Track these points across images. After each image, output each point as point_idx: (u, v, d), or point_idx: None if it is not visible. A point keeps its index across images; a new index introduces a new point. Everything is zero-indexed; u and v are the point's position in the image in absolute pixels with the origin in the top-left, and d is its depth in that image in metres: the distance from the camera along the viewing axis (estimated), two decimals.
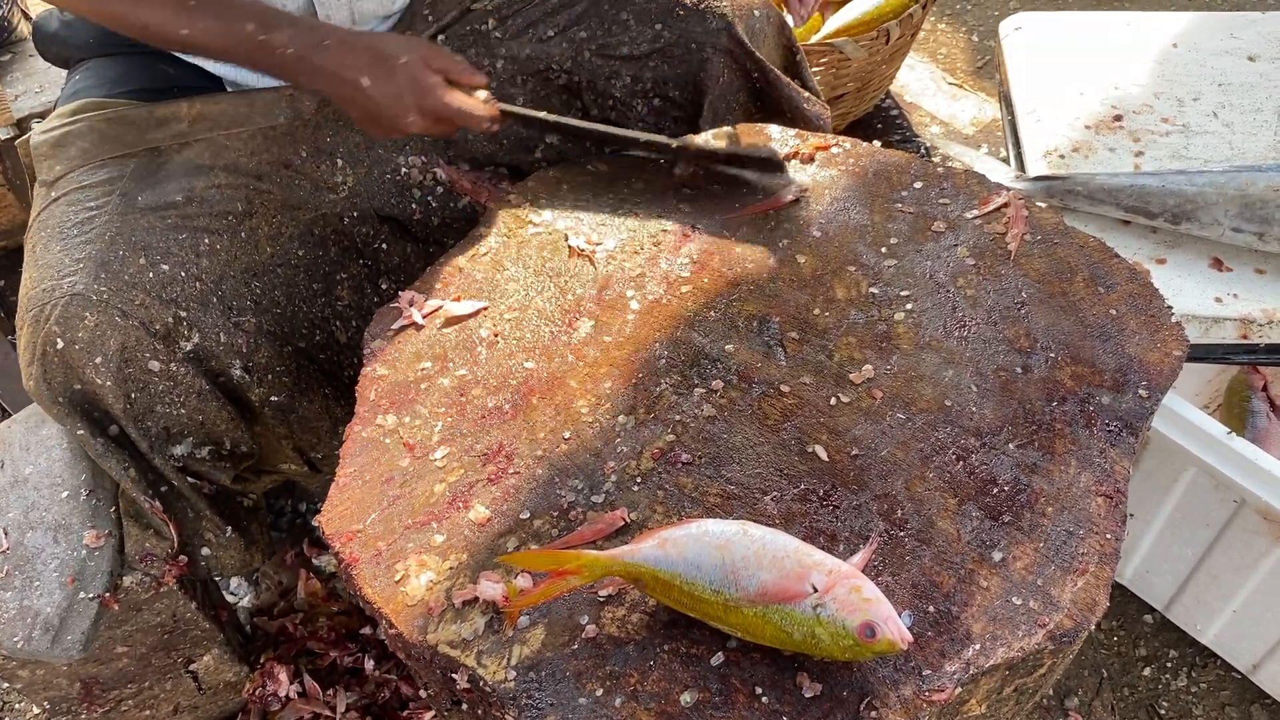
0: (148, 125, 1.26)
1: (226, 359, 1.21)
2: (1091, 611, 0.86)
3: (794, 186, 1.24)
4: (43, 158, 1.26)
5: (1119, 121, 1.64)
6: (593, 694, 0.83)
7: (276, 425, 1.30)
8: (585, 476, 0.98)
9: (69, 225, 1.18)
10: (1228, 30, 1.79)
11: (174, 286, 1.18)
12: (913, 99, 2.59)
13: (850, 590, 0.78)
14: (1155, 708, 1.53)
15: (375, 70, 1.14)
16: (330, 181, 1.34)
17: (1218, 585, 1.45)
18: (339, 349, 1.37)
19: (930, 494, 0.93)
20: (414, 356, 1.13)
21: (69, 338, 1.11)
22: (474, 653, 0.86)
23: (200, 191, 1.25)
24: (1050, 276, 1.10)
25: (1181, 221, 1.45)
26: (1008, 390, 1.01)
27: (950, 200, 1.19)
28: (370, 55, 1.14)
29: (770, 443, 0.98)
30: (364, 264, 1.39)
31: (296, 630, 1.58)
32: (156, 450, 1.19)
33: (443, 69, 1.18)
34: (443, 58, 1.19)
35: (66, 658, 1.22)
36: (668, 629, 0.86)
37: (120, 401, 1.14)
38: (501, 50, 1.38)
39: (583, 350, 1.10)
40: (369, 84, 1.14)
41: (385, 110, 1.15)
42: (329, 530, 0.98)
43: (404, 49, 1.16)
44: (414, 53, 1.16)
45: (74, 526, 1.25)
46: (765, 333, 1.08)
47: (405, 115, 1.15)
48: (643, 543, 0.84)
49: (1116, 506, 0.92)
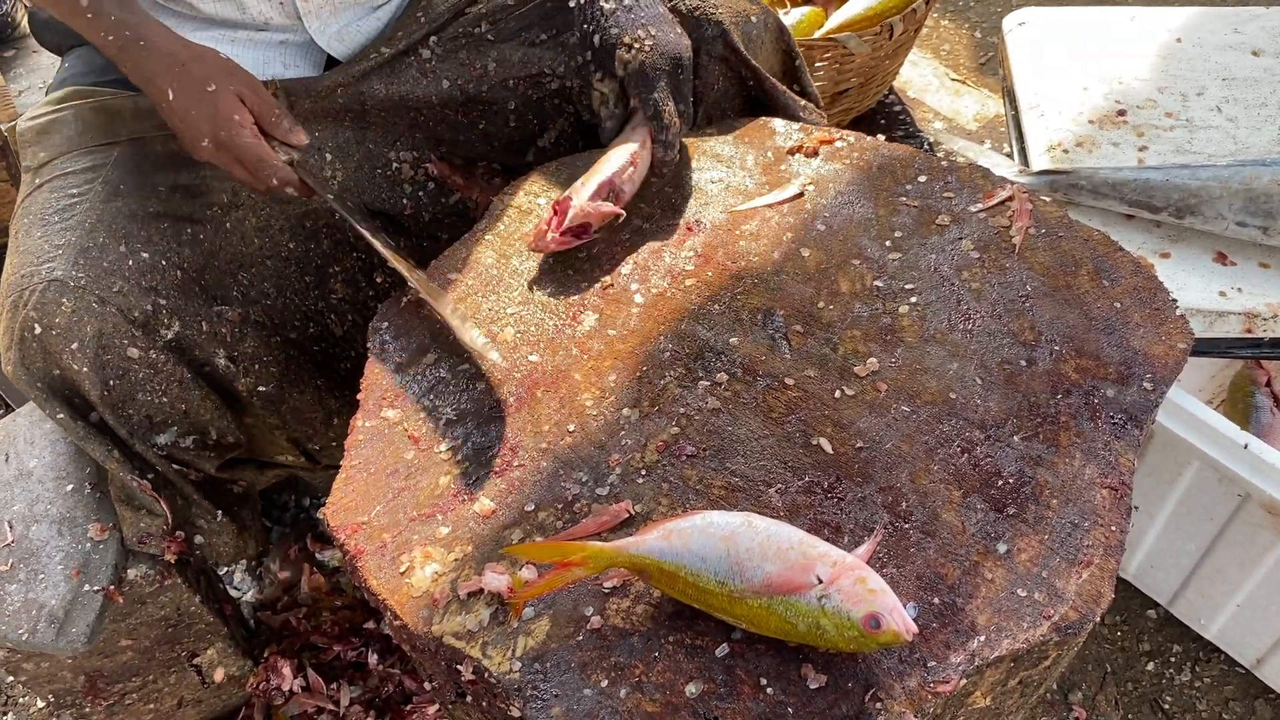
0: (133, 115, 1.26)
1: (210, 348, 1.21)
2: (1096, 603, 0.86)
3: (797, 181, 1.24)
4: (28, 144, 1.27)
5: (1123, 116, 1.64)
6: (598, 685, 0.83)
7: (267, 416, 1.30)
8: (590, 469, 0.98)
9: (51, 212, 1.18)
10: (1231, 25, 1.79)
11: (154, 274, 1.18)
12: (916, 95, 2.59)
13: (855, 582, 0.78)
14: (1159, 702, 1.53)
15: (180, 87, 1.12)
16: (320, 176, 1.34)
17: (1222, 580, 1.45)
18: (334, 341, 1.37)
19: (935, 486, 0.93)
20: (418, 349, 1.13)
21: (46, 323, 1.11)
22: (479, 644, 0.86)
23: (185, 182, 1.25)
24: (1055, 270, 1.10)
25: (1185, 216, 1.45)
26: (1012, 383, 1.01)
27: (955, 194, 1.19)
28: (180, 72, 1.12)
29: (775, 435, 0.98)
30: (357, 257, 1.39)
31: (300, 625, 1.59)
32: (138, 438, 1.19)
33: (258, 111, 1.15)
34: (262, 101, 1.16)
35: (71, 650, 1.22)
36: (672, 620, 0.86)
37: (98, 388, 1.14)
38: (493, 53, 1.38)
39: (587, 343, 1.10)
40: (172, 98, 1.12)
41: (183, 129, 1.14)
42: (334, 522, 0.98)
43: (221, 76, 1.14)
44: (229, 83, 1.14)
45: (78, 519, 1.25)
46: (770, 326, 1.08)
47: (199, 140, 1.13)
48: (647, 534, 0.85)
49: (1121, 499, 0.92)
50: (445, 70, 1.37)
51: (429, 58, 1.37)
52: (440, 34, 1.38)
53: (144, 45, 1.13)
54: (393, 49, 1.35)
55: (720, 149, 1.31)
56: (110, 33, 1.13)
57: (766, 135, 1.32)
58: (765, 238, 1.18)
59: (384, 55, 1.34)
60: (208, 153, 1.14)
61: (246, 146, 1.13)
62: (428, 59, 1.37)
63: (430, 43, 1.37)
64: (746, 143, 1.31)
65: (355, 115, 1.35)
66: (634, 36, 1.14)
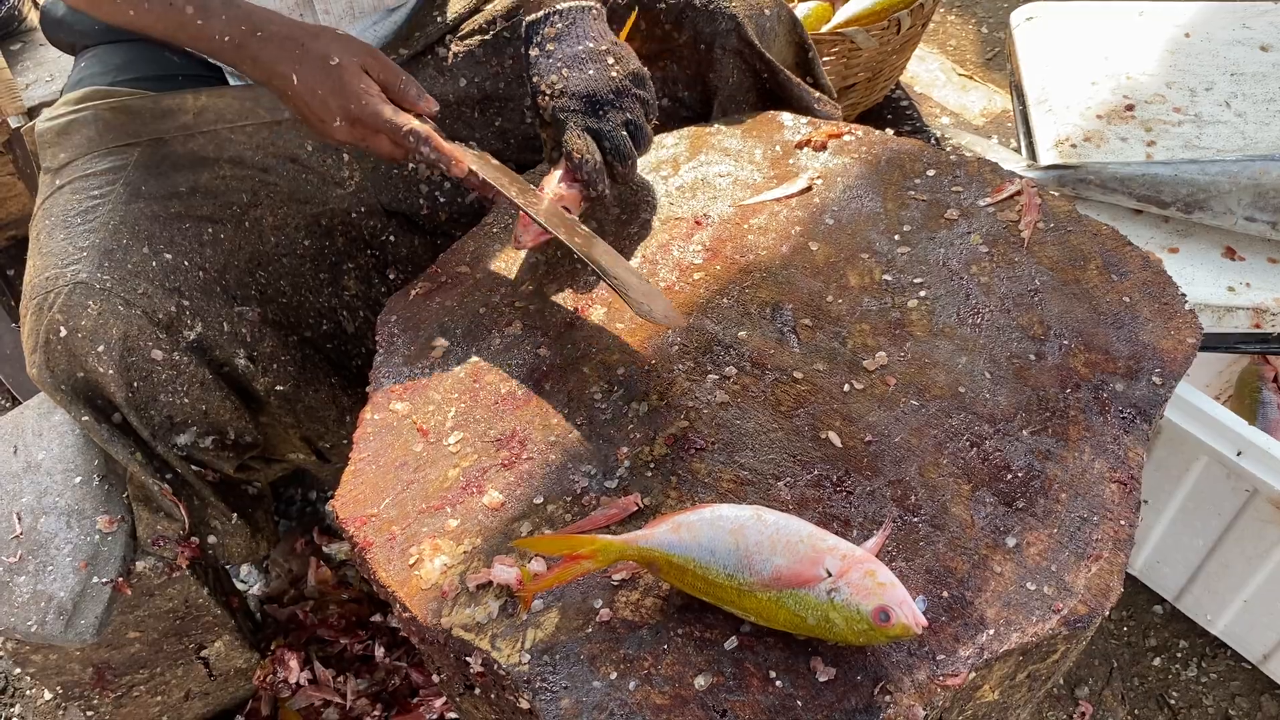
0: (153, 115, 1.26)
1: (230, 348, 1.21)
2: (1105, 597, 0.86)
3: (802, 178, 1.23)
4: (47, 145, 1.26)
5: (1131, 111, 1.63)
6: (607, 677, 0.83)
7: (283, 415, 1.30)
8: (598, 462, 0.98)
9: (73, 214, 1.18)
10: (1240, 20, 1.78)
11: (177, 275, 1.17)
12: (923, 90, 2.58)
13: (865, 575, 0.78)
14: (1165, 698, 1.53)
15: (305, 67, 1.09)
16: (337, 176, 1.34)
17: (1228, 575, 1.45)
18: (346, 339, 1.37)
19: (944, 480, 0.93)
20: (426, 342, 1.13)
21: (72, 326, 1.11)
22: (488, 636, 0.87)
23: (205, 182, 1.24)
24: (1064, 264, 1.10)
25: (1194, 210, 1.45)
26: (1021, 377, 1.01)
27: (963, 188, 1.19)
28: (303, 51, 1.10)
29: (783, 429, 0.98)
30: (371, 254, 1.39)
31: (307, 618, 1.59)
32: (159, 439, 1.19)
33: (384, 81, 1.12)
34: (387, 69, 1.13)
35: (80, 642, 1.23)
36: (681, 613, 0.86)
37: (123, 390, 1.14)
38: (509, 50, 1.38)
39: (596, 336, 1.10)
40: (297, 81, 1.09)
41: (311, 111, 1.11)
42: (343, 514, 0.98)
43: (341, 50, 1.11)
44: (351, 56, 1.11)
45: (87, 512, 1.25)
46: (778, 319, 1.08)
47: (331, 119, 1.10)
48: (656, 527, 0.85)
49: (1130, 493, 0.92)
50: (462, 69, 1.37)
51: (445, 56, 1.37)
52: (457, 32, 1.38)
53: (261, 35, 1.11)
54: (411, 49, 1.35)
55: (728, 143, 1.31)
56: (224, 33, 1.11)
57: (774, 129, 1.32)
58: (773, 232, 1.18)
59: (402, 56, 1.35)
60: (342, 132, 1.11)
61: (380, 114, 1.09)
62: (445, 58, 1.37)
63: (447, 41, 1.37)
64: (754, 136, 1.31)
65: None
66: (548, 83, 1.15)
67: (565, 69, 1.16)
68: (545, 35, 1.18)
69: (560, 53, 1.18)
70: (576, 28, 1.19)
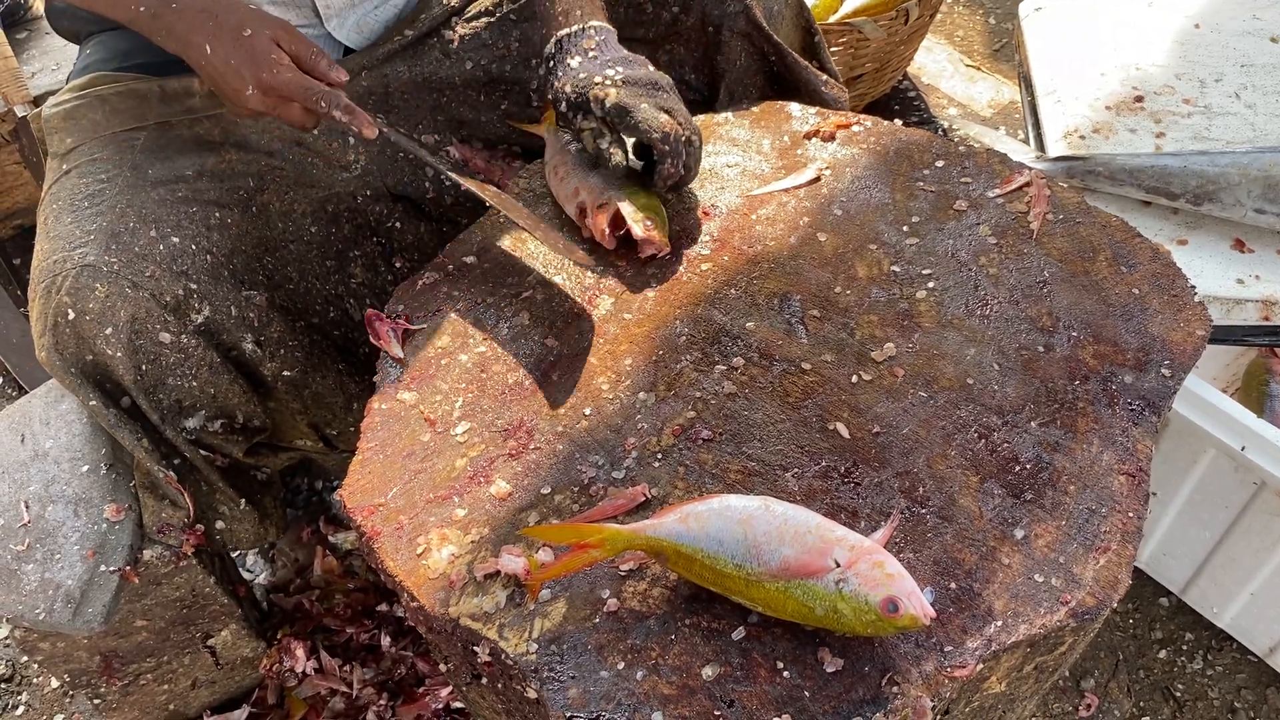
0: (159, 100, 1.26)
1: (238, 332, 1.21)
2: (1113, 589, 0.86)
3: (814, 166, 1.23)
4: (54, 130, 1.27)
5: (1140, 102, 1.63)
6: (614, 667, 0.83)
7: (290, 400, 1.30)
8: (606, 452, 0.98)
9: (80, 197, 1.18)
10: (1250, 11, 1.77)
11: (184, 259, 1.18)
12: (930, 81, 2.57)
13: (873, 565, 0.78)
14: (1171, 690, 1.53)
15: (218, 38, 1.10)
16: (343, 160, 1.34)
17: (1235, 568, 1.44)
18: (353, 326, 1.37)
19: (952, 472, 0.93)
20: (433, 332, 1.13)
21: (80, 309, 1.11)
22: (496, 625, 0.87)
23: (212, 166, 1.24)
24: (1072, 256, 1.10)
25: (1203, 202, 1.44)
26: (1030, 369, 1.00)
27: (972, 179, 1.19)
28: (216, 23, 1.11)
29: (791, 420, 0.98)
30: (378, 242, 1.39)
31: (313, 607, 1.59)
32: (168, 423, 1.19)
33: (295, 53, 1.13)
34: (299, 41, 1.14)
35: (87, 630, 1.23)
36: (689, 603, 0.86)
37: (131, 373, 1.14)
38: (515, 32, 1.37)
39: (603, 327, 1.10)
40: (210, 51, 1.10)
41: (225, 80, 1.11)
42: (350, 504, 0.98)
43: (254, 22, 1.12)
44: (264, 28, 1.12)
45: (94, 500, 1.26)
46: (786, 310, 1.08)
47: (244, 88, 1.10)
48: (664, 517, 0.85)
49: (1139, 485, 0.92)
50: (468, 51, 1.37)
51: (451, 39, 1.37)
52: (462, 14, 1.37)
53: (176, 7, 1.12)
54: (416, 31, 1.35)
55: (736, 133, 1.31)
56: (142, 4, 1.12)
57: (783, 119, 1.32)
58: (782, 222, 1.17)
59: (407, 38, 1.35)
60: (254, 100, 1.12)
61: (291, 80, 1.11)
62: (450, 40, 1.37)
63: (453, 23, 1.37)
64: (763, 127, 1.31)
65: (379, 98, 1.35)
66: (604, 75, 1.15)
67: (620, 66, 1.16)
68: (584, 46, 1.19)
69: (605, 56, 1.18)
70: (610, 43, 1.21)
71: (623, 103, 1.12)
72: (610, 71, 1.15)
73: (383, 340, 1.12)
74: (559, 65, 1.19)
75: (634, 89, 1.14)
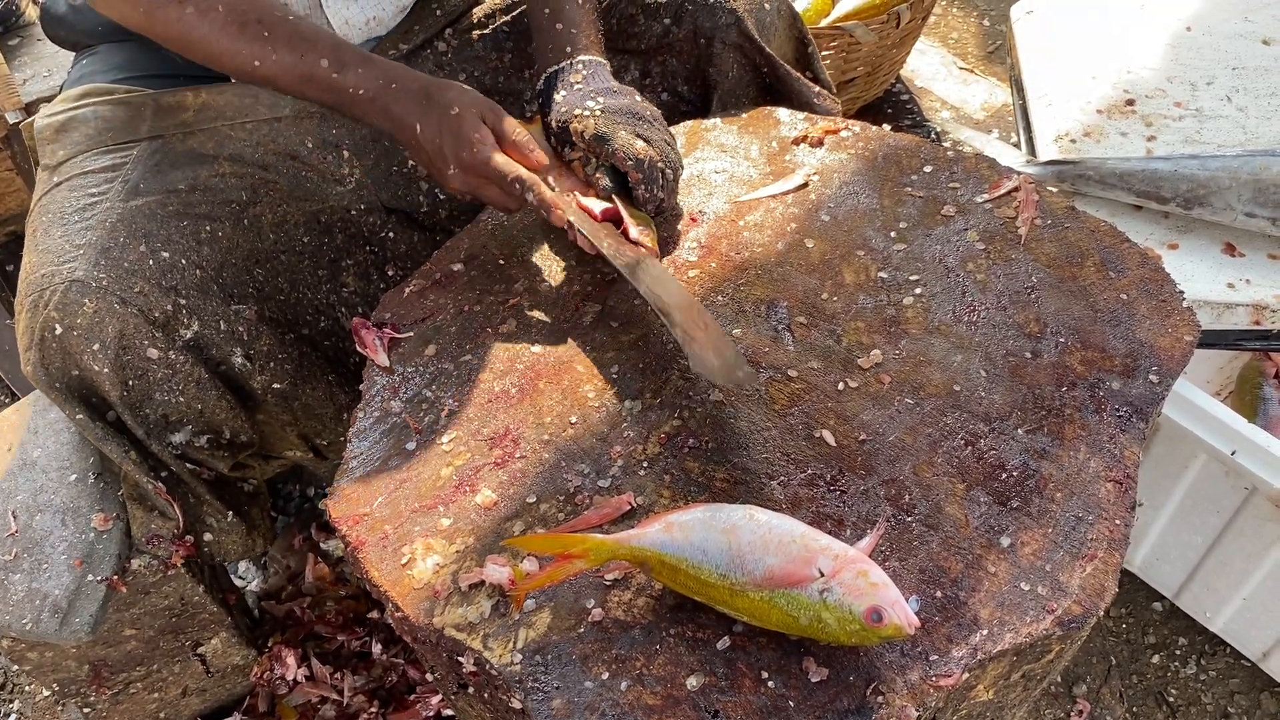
0: (152, 113, 1.25)
1: (227, 347, 1.21)
2: (1100, 597, 0.85)
3: (802, 171, 1.23)
4: (46, 142, 1.26)
5: (1131, 106, 1.62)
6: (599, 677, 0.83)
7: (280, 413, 1.30)
8: (591, 461, 0.97)
9: (70, 211, 1.18)
10: (1242, 13, 1.77)
11: (174, 274, 1.17)
12: (923, 84, 2.57)
13: (857, 575, 0.78)
14: (1164, 695, 1.53)
15: (428, 116, 1.12)
16: (337, 173, 1.34)
17: (1228, 573, 1.44)
18: (344, 336, 1.37)
19: (938, 479, 0.93)
20: (420, 341, 1.13)
21: (67, 324, 1.11)
22: (480, 636, 0.86)
23: (204, 180, 1.24)
24: (1061, 261, 1.09)
25: (1194, 206, 1.44)
26: (1017, 375, 1.00)
27: (960, 184, 1.18)
28: (429, 102, 1.13)
29: (777, 427, 0.98)
30: (370, 251, 1.39)
31: (304, 614, 1.59)
32: (154, 437, 1.18)
33: (498, 129, 1.14)
34: (500, 118, 1.15)
35: (75, 640, 1.23)
36: (673, 613, 0.86)
37: (117, 389, 1.14)
38: (508, 45, 1.37)
39: (590, 335, 1.09)
40: (421, 130, 1.13)
41: (431, 161, 1.14)
42: (336, 513, 0.98)
43: (460, 99, 1.13)
44: (470, 105, 1.13)
45: (82, 509, 1.25)
46: (773, 317, 1.08)
47: (447, 167, 1.13)
48: (649, 527, 0.84)
49: (1126, 492, 0.91)
50: (461, 63, 1.37)
51: (445, 51, 1.37)
52: (456, 26, 1.37)
53: (395, 88, 1.13)
54: (409, 44, 1.35)
55: (724, 139, 1.30)
56: (359, 86, 1.13)
57: (771, 125, 1.31)
58: (769, 228, 1.17)
59: (401, 51, 1.34)
60: (457, 180, 1.13)
61: (489, 161, 1.11)
62: (444, 52, 1.37)
63: (446, 35, 1.37)
64: (751, 132, 1.31)
65: None
66: (584, 107, 1.16)
67: (601, 97, 1.17)
68: (570, 80, 1.20)
69: (589, 88, 1.19)
70: (598, 75, 1.21)
71: (600, 131, 1.13)
72: (591, 103, 1.16)
73: (369, 349, 1.12)
74: (548, 101, 1.20)
75: (611, 117, 1.14)
